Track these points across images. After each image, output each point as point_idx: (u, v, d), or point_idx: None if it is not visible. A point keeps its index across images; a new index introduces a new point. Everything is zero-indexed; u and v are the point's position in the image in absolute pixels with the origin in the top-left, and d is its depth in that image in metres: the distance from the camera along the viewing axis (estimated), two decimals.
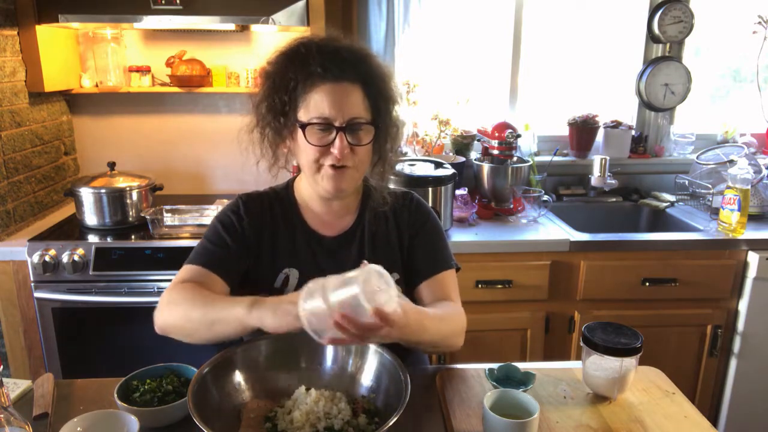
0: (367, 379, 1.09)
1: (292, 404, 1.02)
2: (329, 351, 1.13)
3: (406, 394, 0.94)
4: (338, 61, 1.12)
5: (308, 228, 1.27)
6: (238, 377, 1.07)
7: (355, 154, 1.15)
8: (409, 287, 1.29)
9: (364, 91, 1.14)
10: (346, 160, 1.14)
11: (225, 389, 1.04)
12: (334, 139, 1.12)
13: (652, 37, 2.64)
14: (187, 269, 1.19)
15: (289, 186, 1.32)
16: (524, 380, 1.14)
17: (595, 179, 2.51)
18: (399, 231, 1.29)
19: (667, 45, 2.65)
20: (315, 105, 1.12)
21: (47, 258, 1.92)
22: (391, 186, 1.36)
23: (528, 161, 2.49)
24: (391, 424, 0.88)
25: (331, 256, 1.25)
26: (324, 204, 1.26)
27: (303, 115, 1.14)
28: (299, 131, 1.14)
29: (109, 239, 2.05)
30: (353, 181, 1.20)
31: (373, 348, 1.08)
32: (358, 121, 1.13)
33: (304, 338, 1.14)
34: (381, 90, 1.17)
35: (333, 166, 1.14)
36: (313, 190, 1.23)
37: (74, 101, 2.51)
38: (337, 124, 1.11)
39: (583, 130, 2.66)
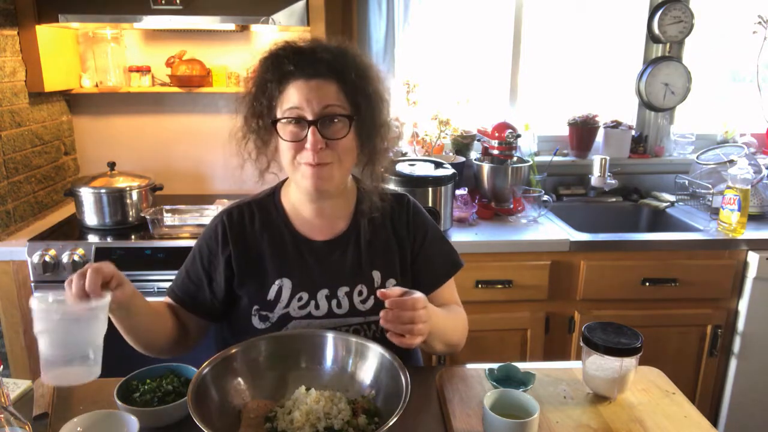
0: (367, 379, 1.08)
1: (292, 404, 1.02)
2: (329, 351, 1.13)
3: (407, 394, 0.94)
4: (312, 58, 1.10)
5: (297, 234, 1.23)
6: (238, 377, 1.07)
7: (332, 149, 1.11)
8: None
9: (340, 86, 1.11)
10: (322, 157, 1.10)
11: (225, 389, 1.04)
12: (307, 134, 1.09)
13: (652, 37, 2.64)
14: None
15: (275, 192, 1.28)
16: (524, 380, 1.14)
17: (595, 179, 2.51)
18: (398, 237, 1.27)
19: (667, 45, 2.65)
20: (288, 100, 1.11)
21: (47, 258, 1.92)
22: (389, 186, 1.35)
23: (528, 161, 2.50)
24: (391, 424, 0.88)
25: (323, 261, 1.22)
26: (314, 207, 1.23)
27: (279, 114, 1.13)
28: (276, 129, 1.13)
29: (109, 239, 2.05)
30: (334, 178, 1.14)
31: (373, 348, 1.08)
32: (331, 112, 1.10)
33: (304, 338, 1.14)
34: (360, 86, 1.12)
35: (310, 165, 1.11)
36: (299, 191, 1.21)
37: (74, 101, 2.51)
38: (309, 117, 1.09)
39: (583, 130, 2.66)
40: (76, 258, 1.93)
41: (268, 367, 1.11)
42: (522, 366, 1.17)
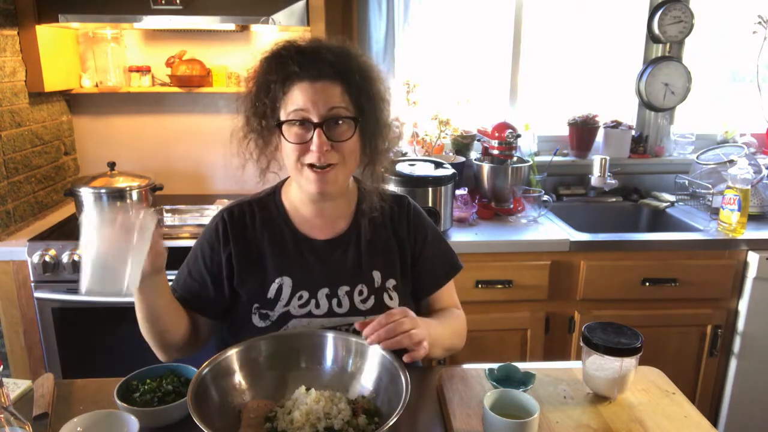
0: (367, 379, 1.08)
1: (292, 404, 1.02)
2: (329, 351, 1.13)
3: (407, 394, 0.94)
4: (316, 60, 1.10)
5: (297, 232, 1.24)
6: (238, 377, 1.07)
7: (337, 151, 1.11)
8: (415, 298, 1.31)
9: (344, 88, 1.11)
10: (328, 158, 1.10)
11: (225, 389, 1.04)
12: (313, 136, 1.09)
13: (652, 37, 2.64)
14: None
15: (276, 191, 1.28)
16: (524, 380, 1.14)
17: (595, 179, 2.51)
18: (398, 238, 1.27)
19: (667, 45, 2.65)
20: (293, 102, 1.10)
21: (47, 258, 1.92)
22: (389, 187, 1.35)
23: (528, 161, 2.50)
24: (390, 424, 0.88)
25: (324, 260, 1.23)
26: (314, 207, 1.23)
27: (283, 115, 1.12)
28: (281, 131, 1.13)
29: None
30: (338, 180, 1.15)
31: (373, 348, 1.08)
32: (337, 114, 1.10)
33: (304, 338, 1.14)
34: (364, 87, 1.13)
35: (313, 167, 1.11)
36: (302, 192, 1.21)
37: (74, 101, 2.51)
38: (314, 120, 1.09)
39: (583, 130, 2.66)
40: (76, 258, 1.93)
41: (268, 367, 1.11)
42: (522, 366, 1.17)
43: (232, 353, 1.08)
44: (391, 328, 1.03)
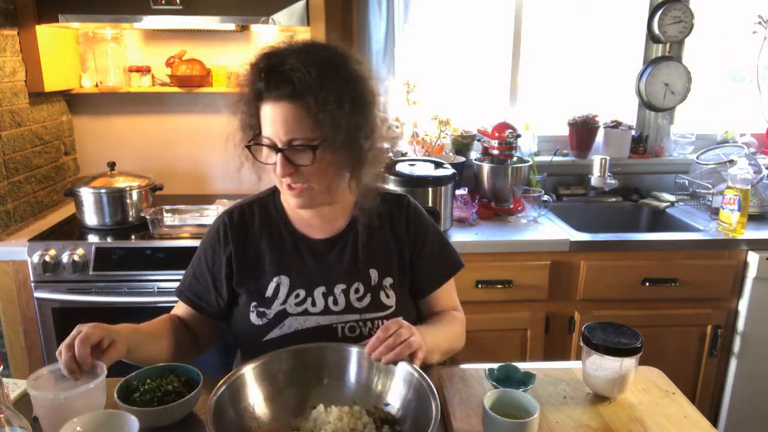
0: (393, 398, 1.05)
1: (312, 425, 0.99)
2: (353, 366, 1.09)
3: (436, 418, 0.90)
4: (277, 77, 1.05)
5: (295, 231, 1.25)
6: (256, 395, 1.04)
7: (302, 173, 1.09)
8: (415, 297, 1.31)
9: (305, 109, 1.04)
10: (294, 181, 1.10)
11: (242, 407, 1.01)
12: (277, 160, 1.08)
13: (652, 37, 2.64)
14: (179, 307, 1.29)
15: (276, 191, 1.28)
16: (524, 380, 1.14)
17: (595, 179, 2.51)
18: (397, 237, 1.27)
19: (667, 45, 2.65)
20: (264, 123, 1.10)
21: (47, 258, 1.92)
22: (389, 186, 1.35)
23: (528, 161, 2.50)
24: None
25: (321, 259, 1.23)
26: (312, 209, 1.23)
27: (262, 131, 1.11)
28: (251, 152, 1.13)
29: (109, 239, 2.05)
30: (314, 196, 1.14)
31: (400, 365, 1.04)
32: (297, 143, 1.06)
33: (326, 352, 1.11)
34: (333, 102, 1.04)
35: (288, 186, 1.11)
36: None
37: (74, 101, 2.51)
38: (279, 145, 1.07)
39: (583, 130, 2.66)
40: (76, 258, 1.93)
41: (287, 384, 1.07)
42: (522, 366, 1.17)
43: (249, 369, 1.05)
44: (391, 342, 1.02)
